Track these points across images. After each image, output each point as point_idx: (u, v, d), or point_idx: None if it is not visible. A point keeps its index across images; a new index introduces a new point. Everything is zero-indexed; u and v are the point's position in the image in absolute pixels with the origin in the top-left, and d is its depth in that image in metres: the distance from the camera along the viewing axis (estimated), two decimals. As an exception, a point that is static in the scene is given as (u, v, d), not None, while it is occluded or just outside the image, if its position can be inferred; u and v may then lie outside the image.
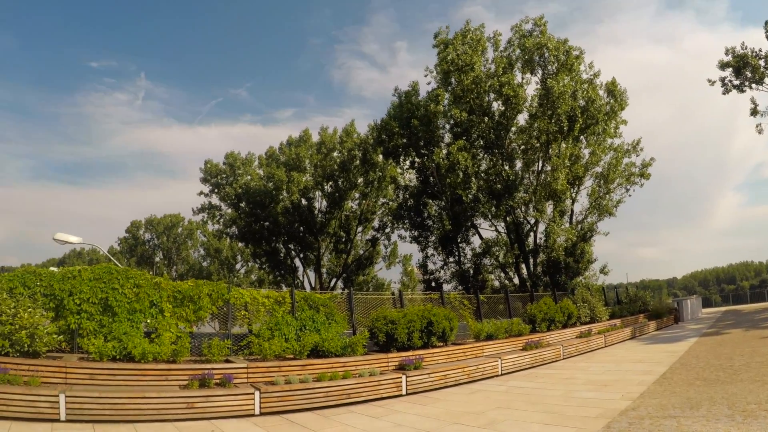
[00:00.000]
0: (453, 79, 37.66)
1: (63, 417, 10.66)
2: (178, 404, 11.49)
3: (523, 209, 38.29)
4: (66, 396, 10.74)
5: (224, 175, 61.38)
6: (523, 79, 37.31)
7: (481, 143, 38.75)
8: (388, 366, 15.91)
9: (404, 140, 42.49)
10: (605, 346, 24.65)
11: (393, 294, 24.95)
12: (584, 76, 37.05)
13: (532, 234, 39.64)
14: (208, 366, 13.17)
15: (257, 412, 12.20)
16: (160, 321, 14.81)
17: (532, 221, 39.19)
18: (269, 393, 12.44)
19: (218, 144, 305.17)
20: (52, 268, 16.70)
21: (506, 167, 37.48)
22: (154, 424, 11.06)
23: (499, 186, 37.07)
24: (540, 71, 37.12)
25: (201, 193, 63.06)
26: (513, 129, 37.72)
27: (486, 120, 37.55)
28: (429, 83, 40.60)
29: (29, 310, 12.74)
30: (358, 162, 54.26)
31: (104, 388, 11.80)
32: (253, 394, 12.28)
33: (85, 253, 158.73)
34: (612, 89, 37.82)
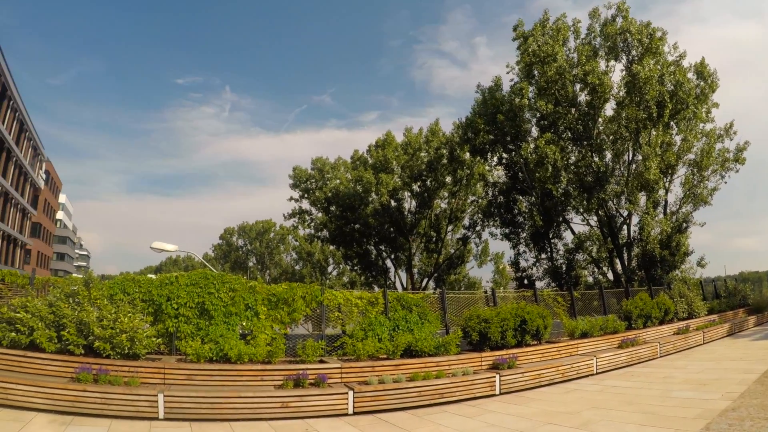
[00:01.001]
0: (536, 72, 37.12)
1: (161, 415, 11.30)
2: (272, 403, 11.91)
3: (615, 201, 37.17)
4: (164, 395, 11.37)
5: (313, 180, 62.50)
6: (607, 66, 36.25)
7: (569, 135, 37.98)
8: (481, 365, 15.86)
9: (490, 136, 42.19)
10: (703, 343, 23.61)
11: (486, 292, 24.75)
12: (669, 58, 35.58)
13: (625, 227, 38.32)
14: (303, 366, 13.52)
15: (350, 411, 12.45)
16: (255, 323, 15.35)
17: (625, 213, 37.87)
18: (363, 393, 12.67)
19: (305, 150, 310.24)
20: (149, 275, 17.53)
21: (596, 159, 36.61)
22: (249, 422, 11.51)
23: (589, 178, 36.21)
24: (624, 57, 36.05)
25: (291, 198, 64.55)
26: (600, 119, 36.67)
27: (572, 111, 36.82)
28: (512, 80, 40.18)
29: (129, 315, 13.53)
30: (445, 161, 54.15)
31: (201, 388, 12.37)
32: (347, 393, 12.54)
33: (181, 260, 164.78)
34: (701, 71, 36.00)
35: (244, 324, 15.42)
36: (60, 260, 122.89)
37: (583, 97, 36.92)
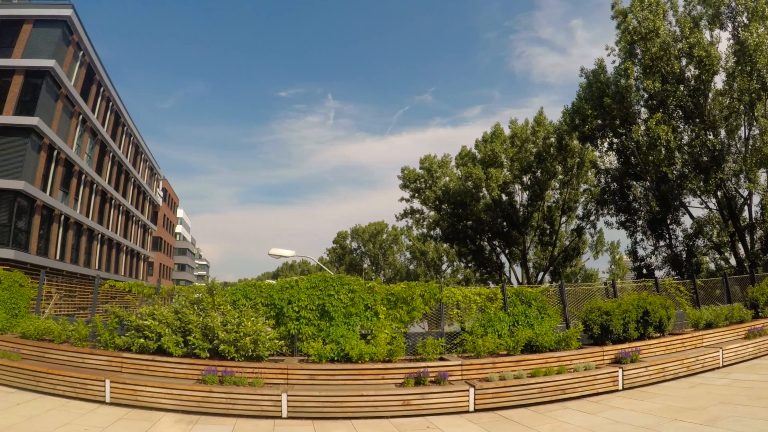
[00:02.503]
0: (638, 50, 35.95)
1: (284, 414, 11.68)
2: (394, 401, 12.04)
3: (733, 181, 35.30)
4: (288, 395, 11.75)
5: (422, 180, 62.61)
6: (712, 36, 34.51)
7: (680, 113, 36.53)
8: (603, 360, 15.37)
9: (599, 121, 41.06)
10: (841, 331, 21.92)
11: (605, 284, 24.03)
12: (780, 20, 33.06)
13: (746, 208, 36.30)
14: (423, 364, 13.56)
15: (471, 408, 12.39)
16: (375, 323, 15.49)
17: (745, 193, 35.88)
18: (484, 389, 12.57)
19: (411, 150, 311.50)
20: (268, 281, 18.14)
21: (710, 136, 34.82)
22: (371, 420, 11.69)
23: (704, 158, 34.63)
24: (729, 24, 34.31)
25: (402, 199, 64.91)
26: (710, 93, 34.90)
27: (680, 88, 35.26)
28: (614, 61, 38.92)
29: (252, 319, 14.06)
30: (554, 150, 53.01)
31: (323, 387, 12.66)
32: (468, 390, 12.50)
33: (297, 265, 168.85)
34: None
35: (363, 324, 15.61)
36: (181, 270, 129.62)
37: (690, 72, 35.31)
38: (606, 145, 44.12)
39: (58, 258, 41.54)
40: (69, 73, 40.56)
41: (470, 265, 68.41)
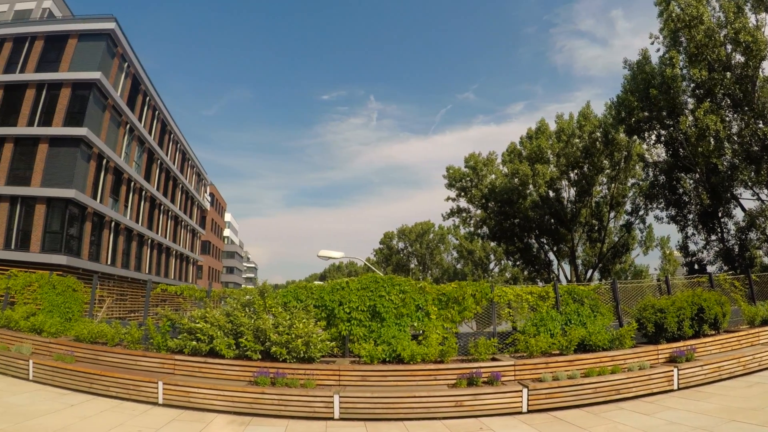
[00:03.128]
0: (683, 38, 35.10)
1: (337, 415, 11.68)
2: (446, 403, 11.90)
3: (786, 171, 34.03)
4: (340, 396, 11.75)
5: (468, 178, 62.24)
6: (757, 20, 33.47)
7: (728, 102, 35.54)
8: (657, 359, 14.96)
9: (645, 113, 40.20)
10: None
11: (657, 281, 23.50)
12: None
13: (800, 198, 35.09)
14: (475, 365, 13.42)
15: (524, 409, 12.19)
16: (426, 323, 15.37)
17: (799, 183, 34.63)
18: (537, 390, 12.36)
19: (455, 149, 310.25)
20: (317, 282, 18.22)
21: (760, 125, 33.72)
22: (424, 422, 11.59)
23: (755, 148, 33.60)
24: (774, 6, 33.03)
25: (448, 198, 64.66)
26: (758, 81, 33.79)
27: (728, 75, 34.30)
28: (658, 50, 38.29)
29: (303, 320, 14.12)
30: (600, 144, 52.05)
31: (375, 388, 12.60)
32: (521, 391, 12.30)
33: (344, 267, 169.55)
34: None
35: (415, 324, 15.51)
36: (230, 273, 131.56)
37: (736, 59, 34.29)
38: (653, 137, 43.24)
39: (109, 263, 42.52)
40: (115, 84, 41.46)
41: (518, 263, 67.82)
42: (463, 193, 63.05)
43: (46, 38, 40.09)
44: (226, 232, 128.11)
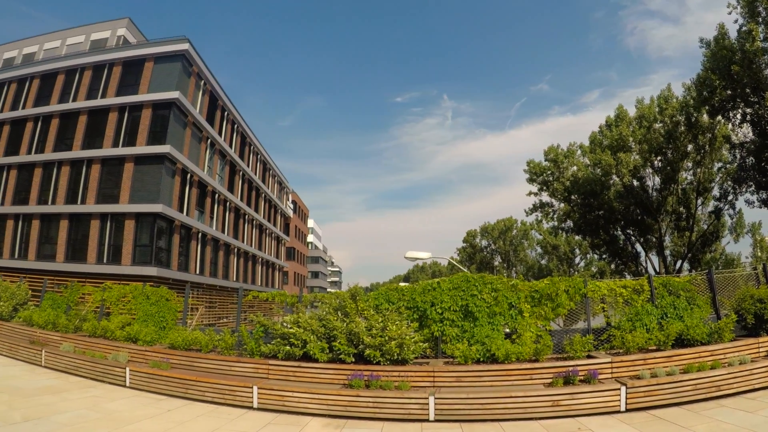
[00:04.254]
0: (761, 7, 33.32)
1: (432, 417, 11.51)
2: (543, 402, 11.58)
3: None
4: (435, 398, 11.57)
5: (549, 172, 60.99)
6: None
7: (816, 74, 33.47)
8: (758, 352, 14.13)
9: (728, 92, 38.44)
10: None
11: (754, 269, 22.33)
12: None
13: None
14: (571, 363, 13.08)
15: (623, 408, 11.72)
16: (519, 322, 15.06)
17: None
18: (635, 388, 11.84)
19: (533, 143, 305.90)
20: (401, 284, 18.19)
21: None
22: (520, 422, 11.28)
23: None
24: None
25: (530, 193, 63.56)
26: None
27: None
28: (736, 21, 36.27)
29: (396, 322, 14.04)
30: (683, 128, 49.95)
31: (470, 389, 12.41)
32: (619, 389, 11.81)
33: (427, 267, 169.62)
34: None
35: (508, 323, 15.24)
36: (314, 278, 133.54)
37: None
38: (738, 116, 41.25)
39: (198, 272, 43.81)
40: (193, 102, 42.69)
41: (604, 256, 66.06)
42: (545, 187, 61.88)
43: (123, 63, 41.88)
44: (310, 238, 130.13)
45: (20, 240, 42.48)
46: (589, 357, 13.86)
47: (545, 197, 63.27)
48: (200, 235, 44.92)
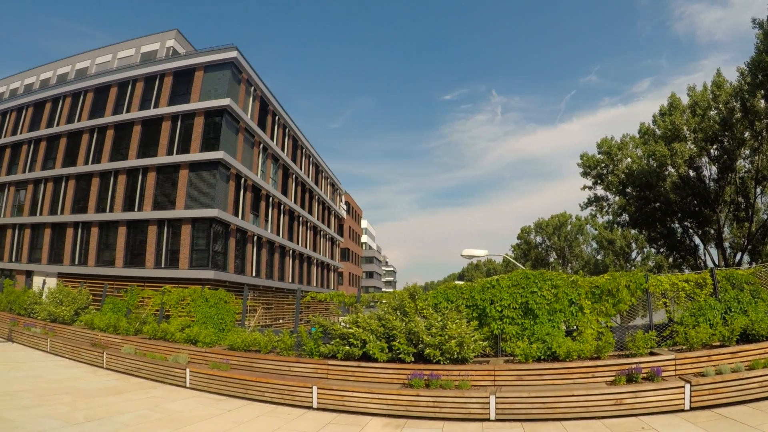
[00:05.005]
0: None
1: (492, 416, 11.39)
2: (605, 401, 11.31)
3: None
4: (496, 397, 11.45)
5: (603, 164, 59.89)
6: None
7: None
8: (827, 347, 13.62)
9: (785, 74, 36.87)
10: None
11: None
12: None
13: None
14: (633, 360, 12.77)
15: (687, 406, 11.34)
16: (580, 318, 14.74)
17: None
18: (700, 385, 11.45)
19: (584, 136, 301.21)
20: (459, 282, 17.97)
21: None
22: (582, 421, 11.05)
23: None
24: None
25: (584, 187, 62.58)
26: None
27: None
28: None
29: (456, 321, 13.94)
30: (738, 114, 48.23)
31: (531, 388, 12.23)
32: (683, 387, 11.45)
33: (482, 265, 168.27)
34: None
35: (568, 320, 14.94)
36: (369, 278, 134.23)
37: None
38: (797, 97, 39.56)
39: (254, 275, 44.41)
40: (244, 108, 43.22)
41: (661, 250, 64.43)
42: (599, 181, 60.73)
43: (174, 74, 42.82)
44: (364, 238, 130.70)
45: (80, 247, 43.91)
46: (651, 354, 13.51)
47: (600, 191, 62.23)
48: (256, 238, 45.48)
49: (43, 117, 50.67)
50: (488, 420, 11.37)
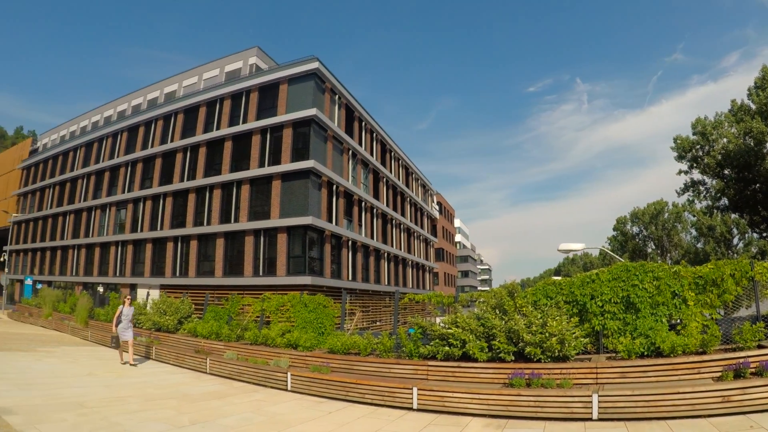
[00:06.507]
0: None
1: (595, 416, 11.00)
2: (712, 398, 10.64)
3: None
4: (599, 395, 11.05)
5: (698, 146, 57.19)
6: None
7: None
8: None
9: None
10: None
11: None
12: None
13: None
14: (741, 354, 12.06)
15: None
16: (683, 311, 13.98)
17: None
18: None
19: (676, 118, 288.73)
20: (557, 277, 17.48)
21: None
22: (688, 420, 10.46)
23: None
24: None
25: (680, 172, 60.09)
26: None
27: None
28: None
29: (556, 318, 13.66)
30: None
31: (634, 385, 11.79)
32: (798, 383, 10.77)
33: (578, 259, 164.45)
34: None
35: (672, 313, 14.21)
36: (464, 277, 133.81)
37: None
38: None
39: (350, 279, 45.07)
40: (330, 116, 43.87)
41: (765, 234, 60.99)
42: (695, 164, 57.97)
43: (259, 89, 44.03)
44: (457, 238, 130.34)
45: (180, 259, 45.86)
46: (759, 347, 12.73)
47: (696, 175, 59.37)
48: (350, 242, 46.09)
49: (138, 140, 53.82)
50: (590, 419, 11.02)
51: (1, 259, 75.40)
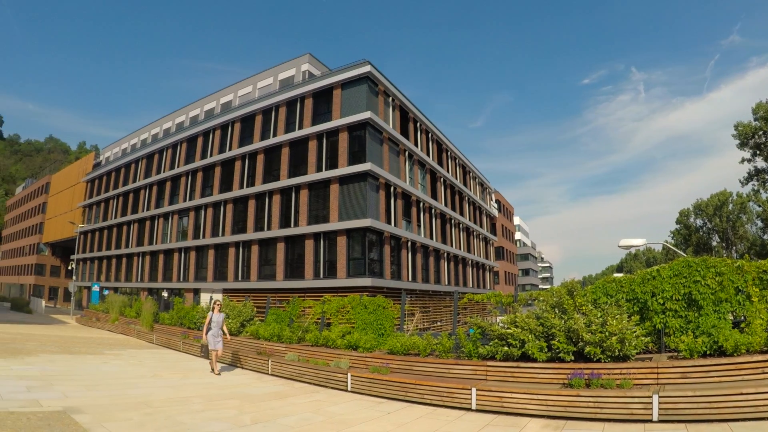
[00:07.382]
0: None
1: (655, 417, 10.74)
2: (776, 399, 10.41)
3: None
4: (659, 396, 10.79)
5: (760, 132, 55.20)
6: None
7: None
8: None
9: None
10: None
11: None
12: None
13: None
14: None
15: None
16: (747, 308, 13.46)
17: None
18: None
19: (737, 103, 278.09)
20: (615, 275, 17.23)
21: None
22: (751, 423, 10.13)
23: None
24: None
25: (743, 160, 58.16)
26: None
27: None
28: None
29: (616, 316, 13.42)
30: None
31: (696, 386, 11.47)
32: None
33: (641, 254, 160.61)
34: None
35: (736, 310, 13.77)
36: (525, 275, 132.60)
37: None
38: None
39: (410, 279, 45.11)
40: (385, 118, 44.09)
41: (837, 222, 58.49)
42: (758, 151, 55.96)
43: (313, 95, 44.80)
44: (517, 236, 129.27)
45: (242, 264, 46.91)
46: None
47: (760, 162, 57.25)
48: (409, 243, 46.17)
49: (197, 150, 55.63)
50: (650, 421, 10.79)
51: (69, 267, 78.76)
